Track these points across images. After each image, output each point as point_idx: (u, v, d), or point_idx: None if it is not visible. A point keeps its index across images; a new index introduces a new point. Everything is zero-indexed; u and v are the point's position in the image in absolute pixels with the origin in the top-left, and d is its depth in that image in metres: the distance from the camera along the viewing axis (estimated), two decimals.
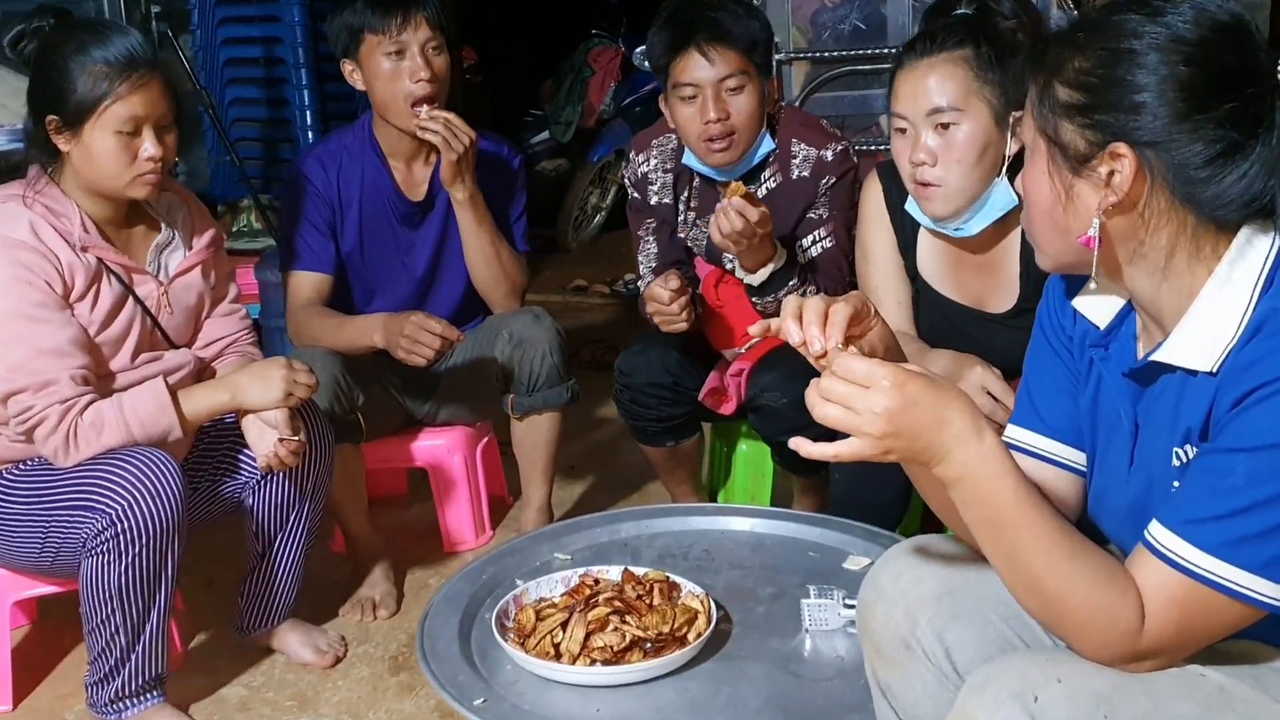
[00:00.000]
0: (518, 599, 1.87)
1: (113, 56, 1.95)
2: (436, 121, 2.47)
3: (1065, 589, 1.15)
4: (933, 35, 1.98)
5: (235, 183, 4.68)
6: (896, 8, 4.15)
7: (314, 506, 2.30)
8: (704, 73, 2.30)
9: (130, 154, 1.98)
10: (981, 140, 1.95)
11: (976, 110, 1.94)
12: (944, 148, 1.96)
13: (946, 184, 1.97)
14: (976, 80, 1.94)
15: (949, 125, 1.95)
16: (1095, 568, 1.15)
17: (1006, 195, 2.00)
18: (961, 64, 1.94)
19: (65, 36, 1.98)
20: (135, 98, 1.96)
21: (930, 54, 1.96)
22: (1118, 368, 1.28)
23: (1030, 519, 1.16)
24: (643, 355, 2.50)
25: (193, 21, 4.90)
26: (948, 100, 1.94)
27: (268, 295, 3.81)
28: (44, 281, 1.95)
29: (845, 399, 1.13)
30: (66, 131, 1.98)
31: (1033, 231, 1.26)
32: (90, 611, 1.99)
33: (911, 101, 1.97)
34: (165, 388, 2.02)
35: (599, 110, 6.60)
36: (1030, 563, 1.16)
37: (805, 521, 2.16)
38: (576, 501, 3.14)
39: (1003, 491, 1.15)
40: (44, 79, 1.99)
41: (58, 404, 1.93)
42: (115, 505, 1.91)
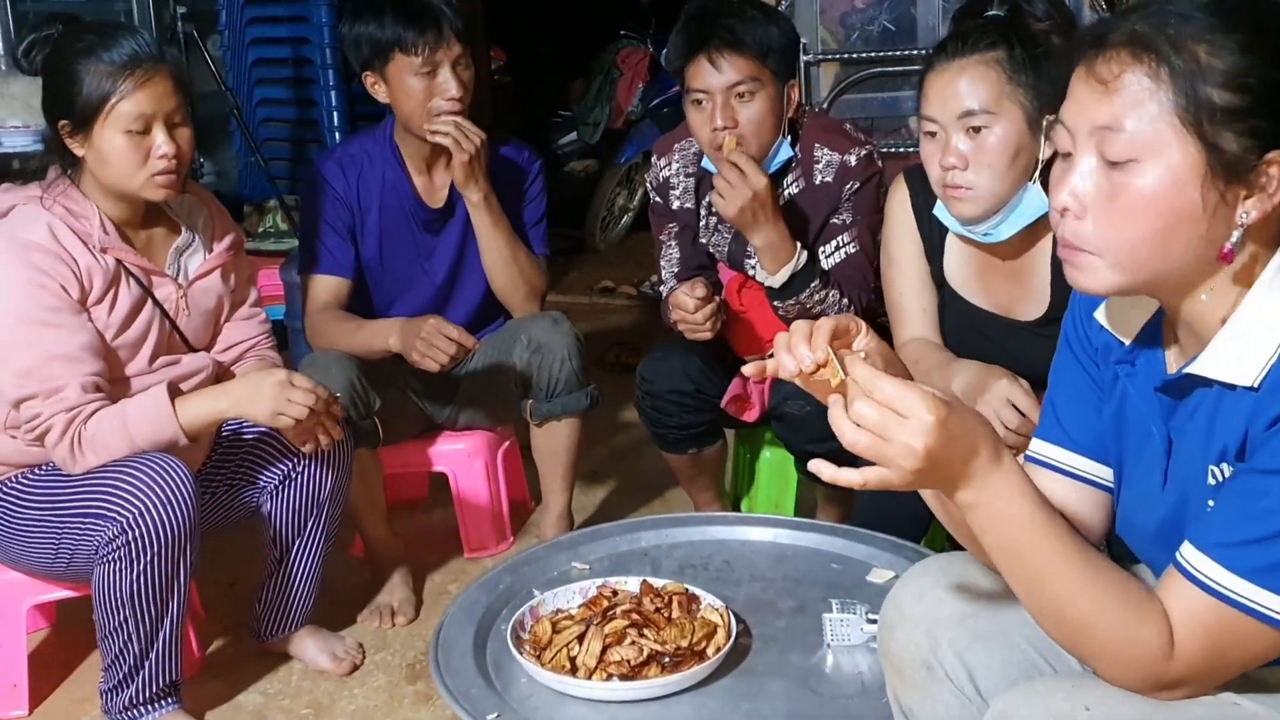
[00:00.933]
0: (534, 610, 1.84)
1: (116, 55, 1.94)
2: (446, 123, 2.45)
3: (1088, 614, 1.11)
4: (964, 36, 1.92)
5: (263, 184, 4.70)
6: (926, 9, 4.11)
7: (332, 512, 2.29)
8: (713, 79, 2.27)
9: (142, 153, 1.97)
10: (1014, 144, 1.90)
11: (1009, 113, 1.89)
12: (975, 151, 1.91)
13: (977, 188, 1.92)
14: (1009, 83, 1.88)
15: (980, 129, 1.89)
16: (1119, 591, 1.11)
17: (1038, 200, 1.95)
18: (994, 66, 1.89)
19: (71, 40, 1.97)
20: (141, 94, 1.94)
21: (961, 55, 1.91)
22: (1147, 383, 1.23)
23: (1049, 543, 1.11)
24: (664, 362, 2.46)
25: (220, 23, 4.92)
26: (979, 103, 1.89)
27: (293, 296, 3.80)
28: (59, 285, 1.94)
29: (881, 428, 1.07)
30: (78, 135, 1.97)
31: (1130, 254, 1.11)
32: (103, 618, 1.97)
33: (942, 104, 1.92)
34: (167, 396, 1.98)
35: (627, 111, 6.57)
36: (1051, 588, 1.12)
37: (828, 532, 2.12)
38: (598, 507, 3.11)
39: (1019, 516, 1.11)
40: (53, 84, 1.98)
41: (63, 412, 1.92)
42: (127, 513, 1.90)
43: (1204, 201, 1.07)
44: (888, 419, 1.07)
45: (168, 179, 1.99)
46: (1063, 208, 1.15)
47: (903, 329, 2.19)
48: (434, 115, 2.48)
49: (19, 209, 1.99)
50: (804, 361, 1.17)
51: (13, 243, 1.93)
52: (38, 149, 2.13)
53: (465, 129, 2.45)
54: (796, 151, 2.38)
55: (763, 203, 2.20)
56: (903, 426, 1.06)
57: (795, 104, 2.33)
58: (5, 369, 1.93)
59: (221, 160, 5.21)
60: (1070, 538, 1.13)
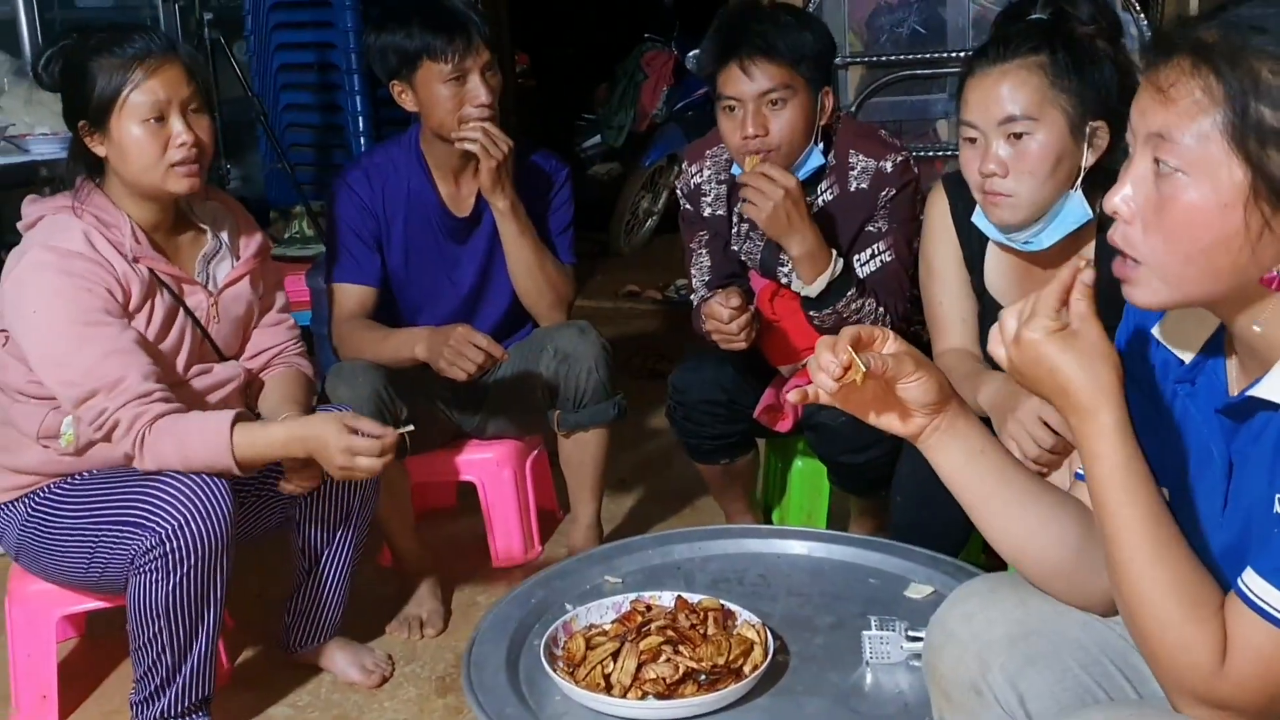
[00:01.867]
0: (567, 626, 1.81)
1: (126, 49, 1.94)
2: (475, 130, 2.43)
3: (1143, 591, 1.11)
4: (1006, 40, 1.88)
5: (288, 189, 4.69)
6: (956, 11, 4.07)
7: (361, 523, 2.27)
8: (744, 87, 2.24)
9: (161, 142, 1.96)
10: (1056, 151, 1.86)
11: (1051, 119, 1.85)
12: (1016, 158, 1.87)
13: (1017, 195, 1.88)
14: (1052, 88, 1.84)
15: (1021, 135, 1.85)
16: (1180, 582, 1.10)
17: (1080, 209, 1.91)
18: (1036, 71, 1.84)
19: (83, 43, 1.98)
20: (152, 82, 1.94)
21: (1003, 60, 1.87)
22: (1208, 404, 1.20)
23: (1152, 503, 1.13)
24: (697, 372, 2.44)
25: (246, 29, 4.91)
26: (1021, 109, 1.85)
27: (319, 302, 3.80)
28: (104, 289, 1.94)
29: None
30: (97, 133, 1.97)
31: (1176, 268, 1.09)
32: (137, 630, 1.96)
33: (983, 110, 1.88)
34: (228, 431, 1.94)
35: (651, 114, 6.56)
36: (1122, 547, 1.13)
37: (865, 546, 2.09)
38: (627, 516, 3.08)
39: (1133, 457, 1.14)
40: (69, 86, 1.99)
41: (129, 403, 1.91)
42: (165, 524, 1.89)
43: (1248, 225, 1.04)
44: None
45: (189, 169, 1.99)
46: (1113, 210, 1.13)
47: (941, 339, 2.15)
48: (464, 123, 2.46)
49: (49, 219, 1.99)
50: (831, 369, 1.18)
51: (53, 251, 1.93)
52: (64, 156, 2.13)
53: (493, 135, 2.43)
54: (831, 158, 2.35)
55: (796, 201, 2.17)
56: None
57: (829, 111, 2.30)
58: (63, 373, 1.93)
59: (247, 166, 5.21)
60: (1165, 511, 1.14)
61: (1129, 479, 1.13)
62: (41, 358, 1.94)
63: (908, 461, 2.12)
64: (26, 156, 3.31)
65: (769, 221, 2.18)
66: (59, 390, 1.94)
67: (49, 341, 1.93)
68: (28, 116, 3.42)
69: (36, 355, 1.94)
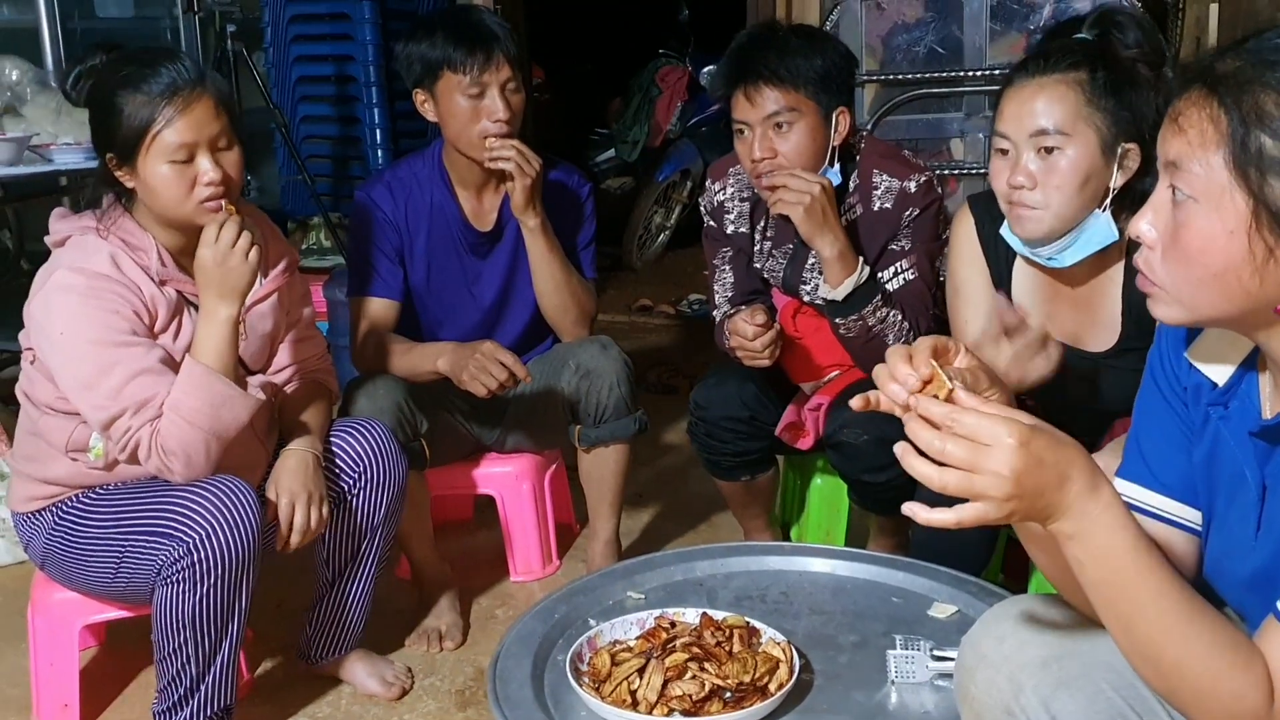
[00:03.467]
0: (592, 641, 1.82)
1: (154, 86, 1.91)
2: (507, 149, 2.44)
3: (1184, 657, 1.09)
4: (1047, 55, 1.89)
5: (306, 200, 4.71)
6: (974, 30, 4.08)
7: (386, 535, 2.27)
8: (750, 113, 2.27)
9: (188, 181, 1.94)
10: (1085, 168, 1.86)
11: (1084, 136, 1.85)
12: (1045, 172, 1.88)
13: (1044, 209, 1.89)
14: (1087, 105, 1.85)
15: (1053, 150, 1.87)
16: (1218, 636, 1.09)
17: (1107, 229, 1.92)
18: (1074, 87, 1.85)
19: (112, 72, 1.96)
20: (181, 123, 1.92)
21: (1041, 74, 1.88)
22: (1241, 426, 1.20)
23: (1150, 579, 1.09)
24: (719, 388, 2.44)
25: (265, 39, 4.94)
26: (1054, 123, 1.86)
27: (336, 314, 3.83)
28: (131, 311, 1.94)
29: (967, 462, 1.05)
30: (124, 168, 1.96)
31: (1191, 292, 1.12)
32: (162, 640, 1.97)
33: (1016, 121, 1.89)
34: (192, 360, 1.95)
35: (665, 130, 6.58)
36: (1148, 627, 1.09)
37: (887, 564, 2.09)
38: (644, 532, 3.09)
39: (1120, 549, 1.09)
40: (97, 117, 1.97)
41: (150, 422, 1.91)
42: (193, 534, 1.90)
43: (1253, 252, 1.06)
44: (973, 451, 1.05)
45: (217, 205, 1.97)
46: (1137, 235, 1.16)
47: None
48: (482, 138, 2.48)
49: (75, 239, 1.99)
50: (909, 381, 1.15)
51: (80, 273, 1.93)
52: (88, 166, 2.13)
53: (526, 154, 2.43)
54: (855, 178, 2.36)
55: (831, 199, 2.20)
56: (989, 456, 1.04)
57: (846, 131, 2.30)
58: (91, 396, 1.92)
59: (264, 177, 5.23)
60: (1172, 576, 1.10)
61: (1142, 542, 1.11)
62: (69, 380, 1.94)
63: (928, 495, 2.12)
64: (50, 166, 3.32)
65: (806, 217, 2.19)
66: (87, 413, 1.94)
67: (76, 364, 1.93)
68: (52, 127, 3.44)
69: (64, 377, 1.95)
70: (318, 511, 2.10)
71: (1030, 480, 1.05)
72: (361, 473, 2.21)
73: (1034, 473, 1.05)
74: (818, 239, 2.23)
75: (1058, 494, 1.07)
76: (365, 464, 2.21)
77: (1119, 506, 1.10)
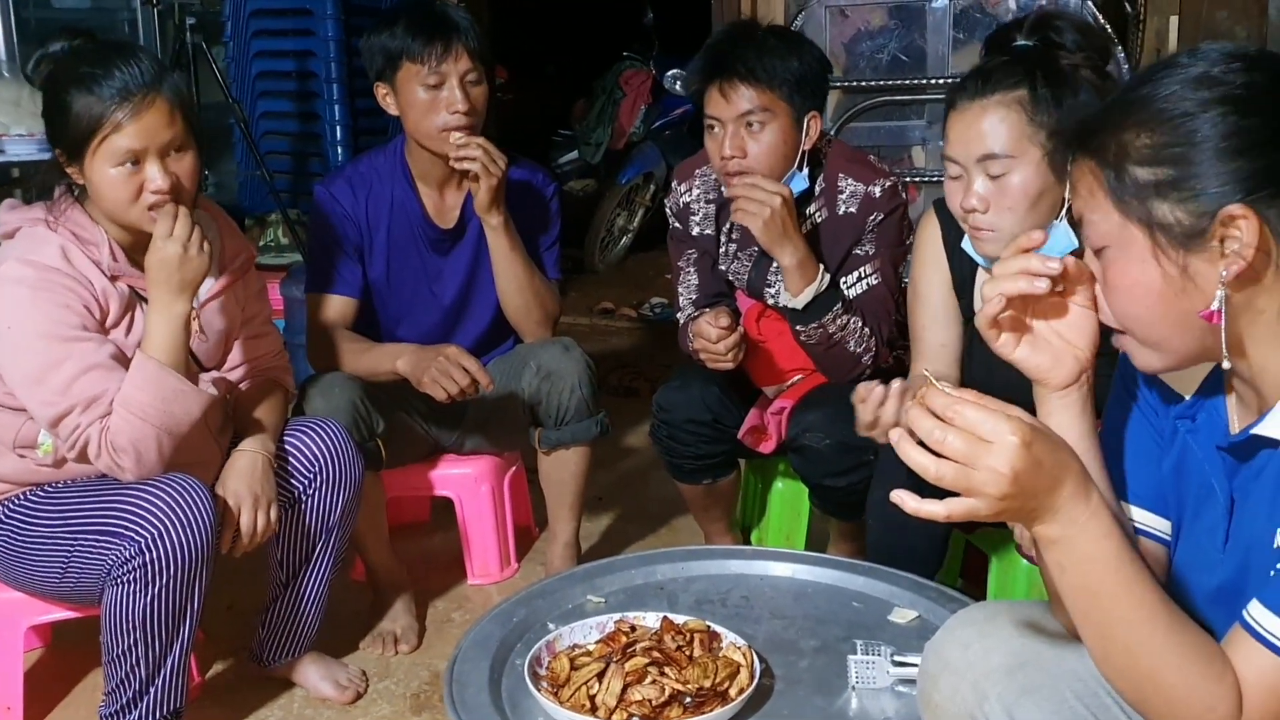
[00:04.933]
0: (550, 645, 1.79)
1: (106, 86, 1.85)
2: (471, 148, 2.41)
3: (1159, 666, 1.08)
4: (986, 75, 1.87)
5: (264, 196, 4.65)
6: (937, 39, 4.10)
7: (341, 536, 2.24)
8: (722, 109, 2.26)
9: (134, 188, 1.88)
10: (1035, 187, 1.85)
11: (1030, 156, 1.84)
12: (996, 194, 1.86)
13: (999, 229, 1.88)
14: (1030, 124, 1.83)
15: (1001, 174, 1.85)
16: (1193, 646, 1.08)
17: (1065, 239, 1.89)
18: (1015, 107, 1.84)
19: (69, 66, 1.89)
20: (130, 128, 1.85)
21: (982, 95, 1.86)
22: (1209, 440, 1.20)
23: (1130, 588, 1.08)
24: (682, 391, 2.43)
25: (225, 33, 4.88)
26: (1000, 146, 1.84)
27: (293, 311, 3.77)
28: (81, 305, 1.89)
29: (966, 456, 1.03)
30: (74, 165, 1.91)
31: (1146, 332, 1.14)
32: (111, 641, 1.92)
33: (963, 146, 1.88)
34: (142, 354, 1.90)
35: (629, 132, 6.57)
36: (1125, 635, 1.09)
37: (848, 569, 2.08)
38: (604, 535, 3.07)
39: (1104, 556, 1.08)
40: (49, 111, 1.92)
41: (99, 419, 1.87)
42: (145, 533, 1.85)
43: (1166, 274, 1.09)
44: (973, 446, 1.03)
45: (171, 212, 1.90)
46: None
47: (920, 361, 2.16)
48: (441, 130, 2.44)
49: (25, 231, 1.94)
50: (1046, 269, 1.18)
51: (29, 265, 1.87)
52: (41, 158, 2.08)
53: (492, 153, 2.40)
54: (820, 181, 2.36)
55: (791, 210, 2.19)
56: (989, 452, 1.03)
57: (816, 135, 2.30)
58: (39, 391, 1.87)
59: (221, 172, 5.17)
60: (1153, 586, 1.10)
61: (1126, 551, 1.10)
62: (16, 375, 1.89)
63: (879, 486, 2.12)
64: (2, 158, 3.25)
65: (764, 228, 2.19)
66: (35, 409, 1.90)
67: (24, 359, 1.88)
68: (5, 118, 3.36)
69: (11, 372, 1.90)
70: (265, 515, 2.06)
71: (1027, 481, 1.03)
72: (316, 473, 2.17)
73: (1032, 474, 1.03)
74: (777, 249, 2.23)
75: (1049, 497, 1.06)
76: (320, 464, 2.17)
77: (1105, 513, 1.09)
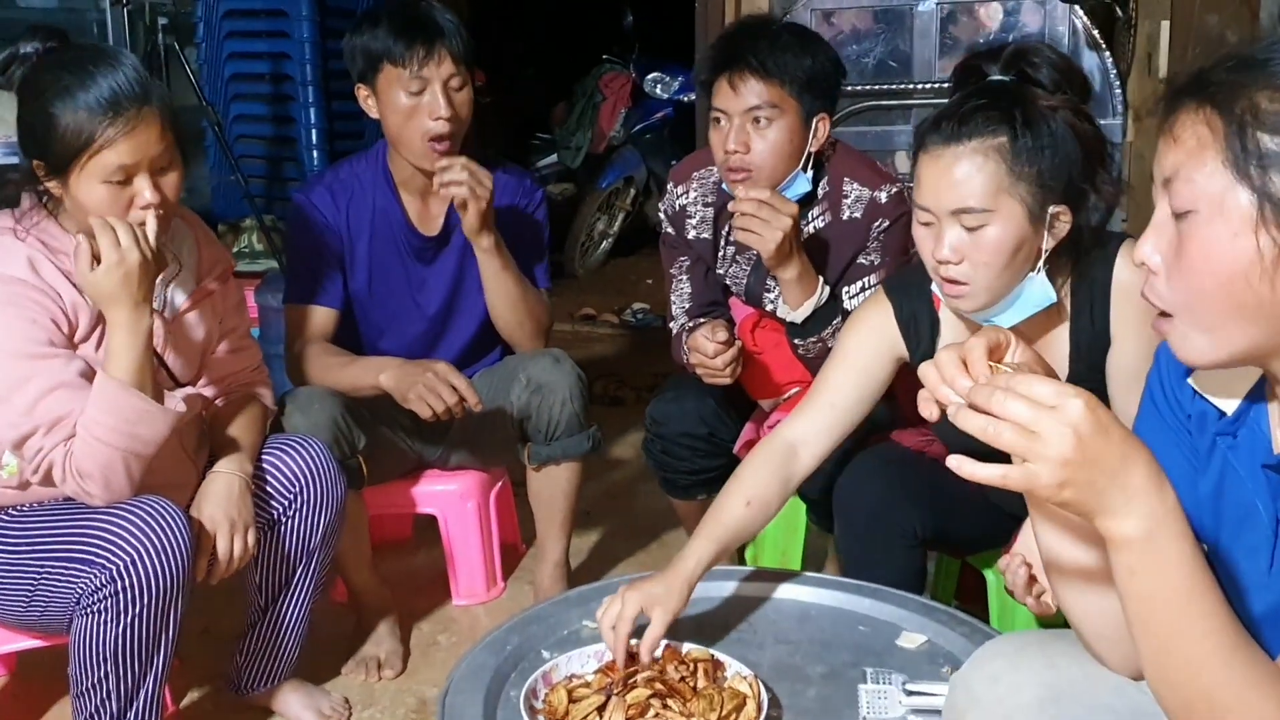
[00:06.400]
0: (547, 676, 1.71)
1: (95, 99, 1.75)
2: (456, 170, 2.29)
3: (1217, 685, 1.01)
4: (962, 117, 1.72)
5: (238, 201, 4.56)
6: (923, 43, 4.07)
7: (322, 559, 2.15)
8: (730, 101, 2.19)
9: (123, 203, 1.79)
10: (1013, 241, 1.71)
11: (1008, 210, 1.70)
12: (971, 247, 1.72)
13: (974, 283, 1.75)
14: (1009, 175, 1.68)
15: (977, 227, 1.71)
16: (1255, 671, 1.01)
17: (1042, 292, 1.77)
18: (992, 156, 1.69)
19: (50, 76, 1.79)
20: (123, 145, 1.76)
21: (957, 140, 1.70)
22: (1252, 458, 1.13)
23: (1200, 601, 1.01)
24: (677, 404, 2.35)
25: (198, 35, 4.78)
26: (976, 200, 1.69)
27: (268, 319, 3.68)
28: (49, 320, 1.80)
29: (1027, 420, 0.96)
30: (55, 178, 1.81)
31: (1208, 313, 1.05)
32: (80, 674, 1.82)
33: (934, 196, 1.72)
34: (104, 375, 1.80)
35: (609, 136, 6.51)
36: (1188, 649, 1.01)
37: (853, 591, 2.00)
38: (593, 551, 2.99)
39: (1181, 562, 1.00)
40: (26, 121, 1.81)
41: (63, 442, 1.78)
42: (117, 560, 1.76)
43: (1261, 252, 1.00)
44: (1035, 409, 0.97)
45: (150, 229, 1.81)
46: (1141, 261, 1.09)
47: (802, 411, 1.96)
48: (424, 138, 2.36)
49: None
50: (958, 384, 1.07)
51: None
52: (9, 161, 1.97)
53: (478, 175, 2.30)
54: (824, 185, 2.29)
55: (797, 227, 2.12)
56: (1053, 415, 0.96)
57: (824, 138, 2.23)
58: (4, 410, 1.78)
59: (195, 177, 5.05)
60: (1221, 601, 1.02)
61: (1199, 559, 1.02)
62: None
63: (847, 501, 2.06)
64: None
65: (775, 252, 2.11)
66: None
67: None
68: None
69: None
70: (243, 540, 1.97)
71: (1093, 447, 0.96)
72: (297, 493, 2.08)
73: (1098, 439, 0.96)
74: (781, 267, 2.16)
75: (1118, 478, 0.98)
76: (301, 484, 2.08)
77: (1181, 512, 1.01)
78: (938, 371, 1.08)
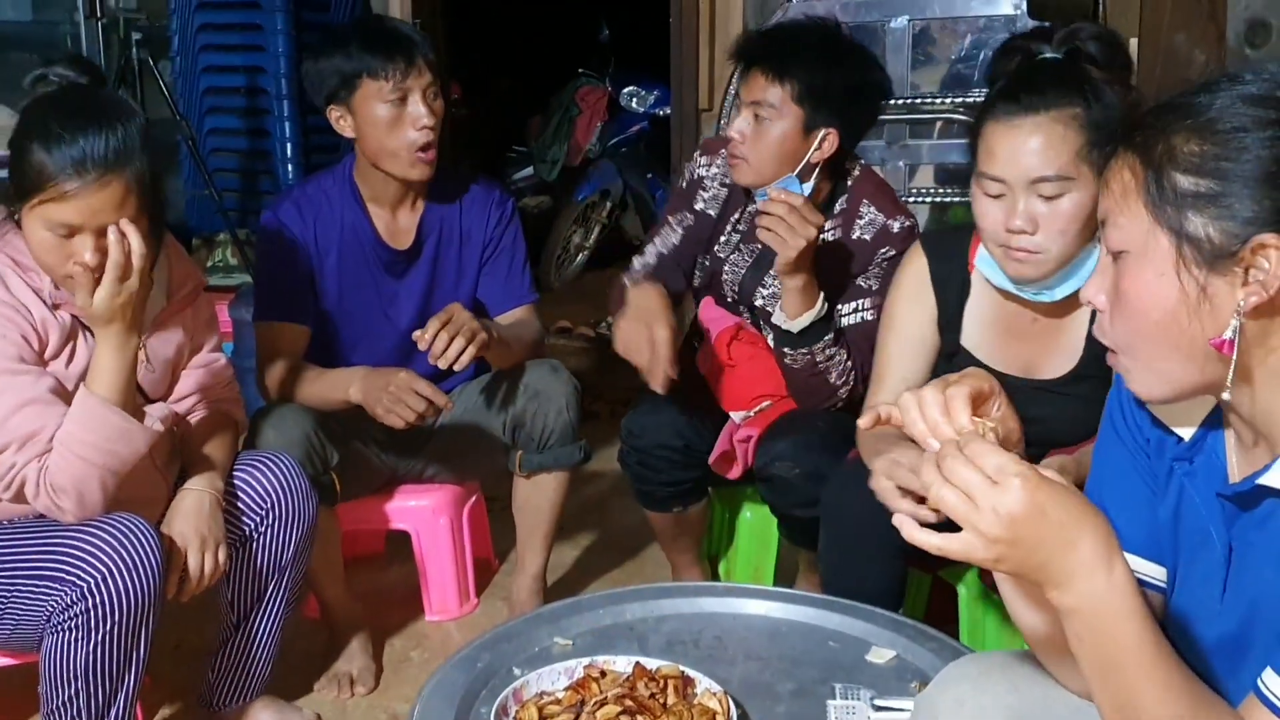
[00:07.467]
0: (517, 693, 1.71)
1: (65, 151, 1.73)
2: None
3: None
4: (1037, 87, 1.75)
5: (212, 215, 4.54)
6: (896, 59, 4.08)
7: (294, 575, 2.15)
8: (744, 92, 2.27)
9: (64, 254, 1.78)
10: (1089, 209, 1.74)
11: (1086, 178, 1.73)
12: (1048, 217, 1.75)
13: (1046, 252, 1.78)
14: (1088, 144, 1.72)
15: (1055, 195, 1.75)
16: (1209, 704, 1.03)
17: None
18: (1073, 125, 1.73)
19: (45, 111, 1.79)
20: (73, 204, 1.74)
21: (1035, 110, 1.74)
22: (1208, 485, 1.15)
23: (1153, 667, 1.02)
24: (653, 415, 2.37)
25: (173, 48, 4.76)
26: (1056, 169, 1.73)
27: (241, 334, 3.67)
28: (19, 335, 1.80)
29: (969, 487, 0.99)
30: (18, 203, 1.81)
31: (1144, 350, 1.09)
32: (50, 692, 1.82)
33: (1012, 165, 1.75)
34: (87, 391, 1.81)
35: (585, 149, 6.52)
36: (1145, 712, 1.03)
37: (823, 606, 2.01)
38: (569, 567, 2.99)
39: (1126, 634, 1.02)
40: (12, 142, 1.81)
41: (37, 458, 1.77)
42: (88, 577, 1.76)
43: (1186, 292, 1.04)
44: (978, 481, 0.99)
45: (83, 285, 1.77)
46: (1088, 301, 1.15)
47: (877, 392, 2.08)
48: (409, 148, 2.37)
49: None
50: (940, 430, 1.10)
51: None
52: None
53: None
54: (842, 202, 2.33)
55: (814, 244, 2.14)
56: (992, 491, 0.99)
57: (830, 152, 2.24)
58: None
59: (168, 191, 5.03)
60: (1174, 662, 1.04)
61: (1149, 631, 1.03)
62: None
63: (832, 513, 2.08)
64: None
65: (795, 259, 2.12)
66: None
67: None
68: None
69: None
70: (214, 557, 1.97)
71: (1028, 529, 0.98)
72: (269, 510, 2.08)
73: (1032, 523, 0.98)
74: (793, 274, 2.17)
75: (1057, 557, 1.00)
76: (272, 501, 2.08)
77: (1130, 588, 1.02)
78: (919, 409, 1.10)
